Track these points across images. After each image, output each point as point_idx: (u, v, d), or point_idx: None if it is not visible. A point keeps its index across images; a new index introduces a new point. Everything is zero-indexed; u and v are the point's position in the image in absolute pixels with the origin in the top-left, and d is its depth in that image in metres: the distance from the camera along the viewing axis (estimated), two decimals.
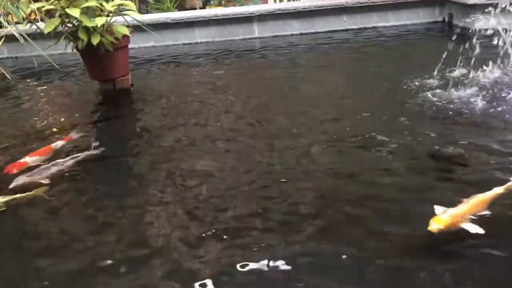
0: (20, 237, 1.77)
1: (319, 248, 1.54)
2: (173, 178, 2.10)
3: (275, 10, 5.57)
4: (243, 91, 3.51)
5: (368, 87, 3.29)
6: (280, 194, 1.89)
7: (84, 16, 3.17)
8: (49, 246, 1.69)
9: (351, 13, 5.58)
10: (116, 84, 3.68)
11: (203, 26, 5.63)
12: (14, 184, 2.08)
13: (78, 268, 1.54)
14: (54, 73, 4.40)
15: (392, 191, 1.87)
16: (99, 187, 2.12)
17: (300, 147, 2.32)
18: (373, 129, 2.45)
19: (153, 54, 5.16)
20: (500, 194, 1.66)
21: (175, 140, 2.58)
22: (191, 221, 1.75)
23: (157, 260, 1.53)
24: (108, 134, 2.84)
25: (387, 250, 1.51)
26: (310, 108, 2.93)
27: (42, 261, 1.60)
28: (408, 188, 1.88)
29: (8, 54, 5.50)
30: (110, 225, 1.77)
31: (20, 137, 2.76)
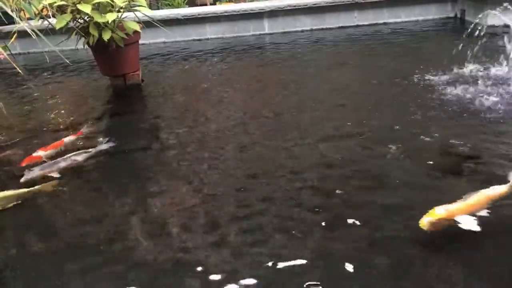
0: (29, 231, 1.79)
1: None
2: (184, 172, 2.11)
3: (286, 6, 5.56)
4: (253, 87, 3.51)
5: (379, 83, 3.28)
6: (286, 188, 1.89)
7: (95, 12, 3.19)
8: (58, 239, 1.71)
9: (362, 9, 5.55)
10: (127, 79, 3.70)
11: (213, 22, 5.63)
12: (26, 177, 2.11)
13: (86, 265, 1.55)
14: (65, 69, 4.45)
15: (402, 187, 1.86)
16: (110, 181, 2.14)
17: (309, 142, 2.32)
18: (384, 125, 2.44)
19: (163, 49, 5.18)
20: (500, 194, 1.63)
21: (186, 134, 2.59)
22: (203, 215, 1.75)
23: (165, 254, 1.54)
24: (119, 129, 2.86)
25: (395, 245, 1.51)
26: (319, 104, 2.92)
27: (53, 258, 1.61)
28: (419, 184, 1.87)
29: (21, 49, 5.55)
30: (122, 217, 1.79)
31: (33, 132, 2.79)
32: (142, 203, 1.89)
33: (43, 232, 1.76)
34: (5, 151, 2.51)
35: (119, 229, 1.72)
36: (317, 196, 1.84)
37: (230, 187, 1.95)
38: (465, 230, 1.50)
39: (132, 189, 2.03)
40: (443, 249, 1.49)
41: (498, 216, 1.58)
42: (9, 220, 1.86)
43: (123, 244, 1.62)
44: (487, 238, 1.50)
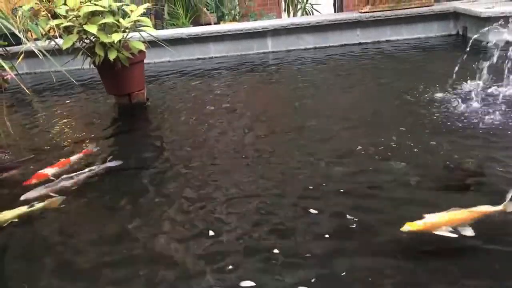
0: (34, 249, 1.79)
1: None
2: (189, 191, 2.12)
3: (289, 25, 5.63)
4: (258, 105, 3.54)
5: (381, 99, 3.30)
6: (294, 205, 1.89)
7: (101, 32, 3.24)
8: (60, 258, 1.71)
9: (365, 26, 5.61)
10: (132, 98, 3.74)
11: (217, 41, 5.70)
12: (31, 195, 2.12)
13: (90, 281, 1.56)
14: (72, 88, 4.50)
15: (405, 203, 1.87)
16: (115, 199, 2.15)
17: (312, 161, 2.33)
18: (386, 141, 2.45)
19: (168, 68, 5.24)
20: (485, 212, 1.64)
21: (190, 153, 2.60)
22: (209, 235, 1.75)
23: (171, 272, 1.54)
24: (124, 147, 2.88)
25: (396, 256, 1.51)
26: (323, 121, 2.94)
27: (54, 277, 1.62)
28: (421, 200, 1.87)
29: (28, 69, 5.62)
30: (125, 236, 1.79)
31: (40, 150, 2.82)
32: (147, 221, 1.89)
33: (39, 251, 1.76)
34: (12, 169, 2.53)
35: (120, 249, 1.71)
36: (328, 220, 1.83)
37: (236, 206, 1.95)
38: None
39: (137, 207, 2.04)
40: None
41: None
42: (8, 239, 1.86)
43: (126, 268, 1.61)
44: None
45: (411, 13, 5.48)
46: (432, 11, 5.48)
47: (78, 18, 3.24)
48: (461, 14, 5.29)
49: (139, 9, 3.42)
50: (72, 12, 3.25)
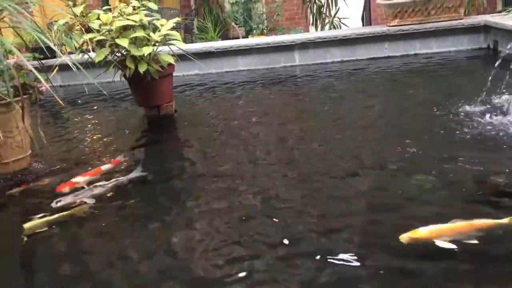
0: (63, 255, 1.84)
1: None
2: (215, 201, 2.14)
3: (316, 39, 5.65)
4: (285, 117, 3.55)
5: (409, 112, 3.27)
6: (315, 217, 1.89)
7: (132, 45, 3.33)
8: (84, 267, 1.75)
9: (393, 40, 5.58)
10: (161, 110, 3.81)
11: (245, 54, 5.76)
12: (62, 202, 2.18)
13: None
14: (103, 100, 4.62)
15: (431, 217, 1.84)
16: (142, 208, 2.19)
17: (339, 173, 2.32)
18: (413, 153, 2.43)
19: (196, 81, 5.32)
20: (486, 225, 1.62)
21: (217, 164, 2.63)
22: (238, 246, 1.76)
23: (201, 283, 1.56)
24: (152, 158, 2.94)
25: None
26: (349, 133, 2.93)
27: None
28: (448, 215, 1.84)
29: (62, 82, 5.79)
30: (151, 245, 1.82)
31: (71, 160, 2.90)
32: (174, 231, 1.92)
33: (67, 258, 1.81)
34: (44, 178, 2.61)
35: (147, 260, 1.74)
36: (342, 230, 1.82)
37: (263, 216, 1.96)
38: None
39: (164, 216, 2.06)
40: None
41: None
42: (39, 245, 1.91)
43: (144, 277, 1.63)
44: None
45: (440, 27, 5.43)
46: (462, 24, 5.41)
47: (111, 32, 3.34)
48: (492, 27, 5.20)
49: (169, 23, 3.50)
50: (105, 26, 3.35)
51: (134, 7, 3.49)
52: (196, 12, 9.34)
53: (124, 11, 3.44)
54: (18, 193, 2.43)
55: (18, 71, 2.56)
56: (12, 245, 1.94)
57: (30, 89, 2.68)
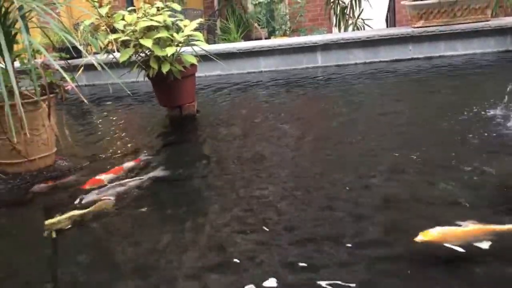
0: (86, 251, 1.87)
1: None
2: (237, 202, 2.15)
3: (339, 40, 5.62)
4: (306, 119, 3.55)
5: (432, 115, 3.22)
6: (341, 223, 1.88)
7: (156, 46, 3.37)
8: (109, 260, 1.78)
9: (418, 41, 5.51)
10: (183, 110, 3.85)
11: (267, 55, 5.77)
12: (85, 199, 2.22)
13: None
14: (127, 100, 4.68)
15: (454, 222, 1.81)
16: (162, 207, 2.22)
17: (361, 178, 2.31)
18: (435, 158, 2.40)
19: (218, 82, 5.35)
20: (501, 230, 1.59)
21: (240, 164, 2.64)
22: (260, 245, 1.77)
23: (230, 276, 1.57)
24: (174, 157, 2.96)
25: None
26: (373, 137, 2.91)
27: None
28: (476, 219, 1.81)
29: (87, 81, 5.90)
30: (171, 245, 1.84)
31: (95, 158, 2.94)
32: (194, 230, 1.94)
33: (90, 253, 1.84)
34: (69, 175, 2.66)
35: (162, 256, 1.75)
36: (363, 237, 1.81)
37: (284, 217, 1.97)
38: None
39: (185, 216, 2.08)
40: None
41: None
42: (63, 241, 1.95)
43: (160, 274, 1.65)
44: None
45: (466, 28, 5.34)
46: (489, 26, 5.31)
47: (135, 33, 3.39)
48: None
49: (192, 24, 3.53)
50: (129, 27, 3.40)
51: (158, 8, 3.53)
52: (219, 13, 9.40)
53: (149, 12, 3.49)
54: (43, 189, 2.48)
55: (45, 70, 2.62)
56: (37, 240, 1.98)
57: (56, 88, 2.73)
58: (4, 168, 2.65)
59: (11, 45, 2.61)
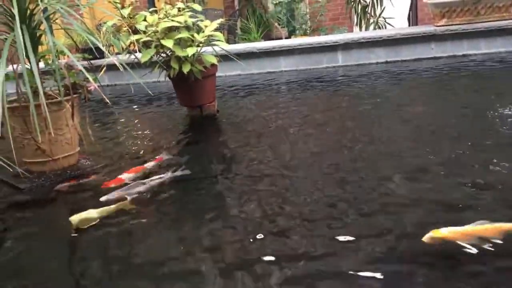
0: (107, 249, 1.90)
1: None
2: (256, 201, 2.15)
3: (360, 39, 5.58)
4: (326, 118, 3.53)
5: (454, 115, 3.18)
6: (357, 224, 1.88)
7: (177, 46, 3.40)
8: (127, 260, 1.80)
9: (440, 40, 5.45)
10: (203, 110, 3.87)
11: (287, 55, 5.77)
12: (107, 198, 2.26)
13: None
14: (148, 99, 4.74)
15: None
16: (183, 205, 2.23)
17: (381, 176, 2.29)
18: (457, 158, 2.36)
19: (239, 81, 5.36)
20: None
21: (259, 163, 2.65)
22: (280, 240, 1.77)
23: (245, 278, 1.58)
24: (195, 157, 2.98)
25: None
26: (393, 136, 2.88)
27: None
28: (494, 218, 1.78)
29: (109, 81, 5.98)
30: (191, 243, 1.86)
31: (117, 157, 2.99)
32: (215, 229, 1.95)
33: (112, 251, 1.86)
34: (91, 174, 2.70)
35: (182, 255, 1.77)
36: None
37: (304, 217, 1.96)
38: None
39: (206, 215, 2.09)
40: None
41: None
42: (86, 238, 1.99)
43: (178, 271, 1.66)
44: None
45: (490, 27, 5.25)
46: None
47: (156, 33, 3.42)
48: None
49: (212, 25, 3.55)
50: (151, 28, 3.44)
51: (179, 8, 3.56)
52: (240, 13, 9.42)
53: (170, 12, 3.52)
54: (66, 188, 2.53)
55: (69, 71, 2.66)
56: (59, 238, 2.02)
57: (79, 89, 2.78)
58: (29, 167, 2.71)
59: (36, 46, 2.66)
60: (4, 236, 2.10)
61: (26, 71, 2.32)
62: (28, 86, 2.33)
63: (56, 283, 1.68)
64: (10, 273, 1.78)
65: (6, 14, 2.54)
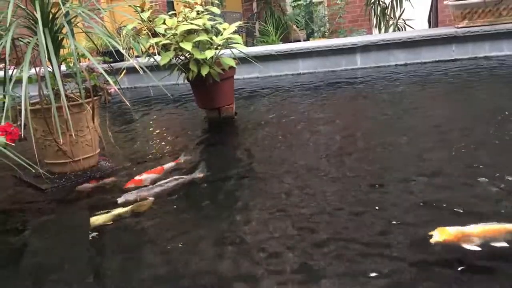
0: (125, 249, 1.93)
1: None
2: (273, 203, 2.16)
3: (379, 41, 5.54)
4: (345, 121, 3.52)
5: (476, 120, 3.13)
6: (367, 228, 1.86)
7: (196, 49, 3.43)
8: (144, 261, 1.82)
9: (461, 42, 5.37)
10: (221, 112, 3.89)
11: (306, 57, 5.76)
12: (126, 198, 2.28)
13: None
14: (166, 102, 4.78)
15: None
16: (200, 207, 2.25)
17: (401, 179, 2.27)
18: (479, 162, 2.33)
19: (257, 84, 5.37)
20: None
21: (278, 165, 2.65)
22: (299, 245, 1.78)
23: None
24: (213, 158, 3.00)
25: None
26: (411, 138, 2.86)
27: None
28: None
29: (128, 84, 6.05)
30: (207, 245, 1.87)
31: (136, 158, 3.02)
32: (230, 231, 1.96)
33: (128, 251, 1.88)
34: (111, 175, 2.74)
35: (198, 255, 1.78)
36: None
37: (322, 220, 1.96)
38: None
39: (221, 216, 2.11)
40: None
41: None
42: (104, 238, 2.01)
43: (197, 274, 1.67)
44: None
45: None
46: None
47: (175, 36, 3.45)
48: None
49: (231, 27, 3.57)
50: (170, 31, 3.47)
51: (198, 11, 3.59)
52: (258, 15, 9.45)
53: (189, 15, 3.55)
54: (87, 189, 2.57)
55: (90, 73, 2.71)
56: (80, 237, 2.05)
57: (100, 91, 2.82)
58: (50, 168, 2.76)
59: (58, 49, 2.71)
60: (26, 235, 2.15)
61: (48, 74, 2.36)
62: (50, 88, 2.38)
63: (77, 282, 1.70)
64: (32, 272, 1.81)
65: (29, 18, 2.59)
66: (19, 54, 2.62)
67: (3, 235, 2.16)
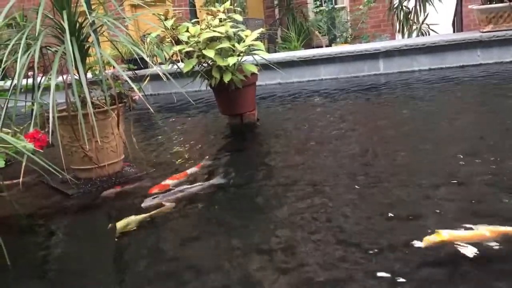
0: (148, 254, 1.95)
1: None
2: (293, 210, 2.16)
3: (402, 46, 5.50)
4: (368, 128, 3.50)
5: (501, 124, 3.08)
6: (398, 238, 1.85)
7: (218, 56, 3.46)
8: (165, 266, 1.84)
9: (486, 47, 5.29)
10: (244, 118, 3.91)
11: (328, 63, 5.75)
12: (149, 204, 2.32)
13: None
14: (189, 108, 4.83)
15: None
16: (221, 213, 2.26)
17: (425, 186, 2.24)
18: (503, 169, 2.28)
19: (278, 90, 5.38)
20: None
21: (300, 173, 2.64)
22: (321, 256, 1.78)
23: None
24: (235, 164, 3.02)
25: None
26: (439, 146, 2.82)
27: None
28: None
29: (152, 91, 6.14)
30: (228, 250, 1.88)
31: (160, 164, 3.06)
32: (250, 237, 1.96)
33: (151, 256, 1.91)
34: (135, 181, 2.78)
35: (220, 260, 1.79)
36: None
37: (339, 227, 1.95)
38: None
39: (242, 223, 2.11)
40: None
41: None
42: (129, 242, 2.04)
43: (218, 278, 1.68)
44: None
45: None
46: None
47: (198, 44, 3.49)
48: None
49: (253, 34, 3.60)
50: (193, 38, 3.52)
51: (220, 19, 3.63)
52: (280, 21, 9.47)
53: (211, 23, 3.59)
54: (112, 194, 2.61)
55: (115, 81, 2.76)
56: (105, 242, 2.09)
57: (125, 98, 2.87)
58: (76, 173, 2.81)
59: (84, 58, 2.77)
60: (52, 240, 2.20)
61: (75, 82, 2.42)
62: (77, 95, 2.44)
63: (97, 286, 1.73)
64: (58, 277, 1.85)
65: (57, 28, 2.66)
66: (47, 63, 2.69)
67: (29, 239, 2.21)
